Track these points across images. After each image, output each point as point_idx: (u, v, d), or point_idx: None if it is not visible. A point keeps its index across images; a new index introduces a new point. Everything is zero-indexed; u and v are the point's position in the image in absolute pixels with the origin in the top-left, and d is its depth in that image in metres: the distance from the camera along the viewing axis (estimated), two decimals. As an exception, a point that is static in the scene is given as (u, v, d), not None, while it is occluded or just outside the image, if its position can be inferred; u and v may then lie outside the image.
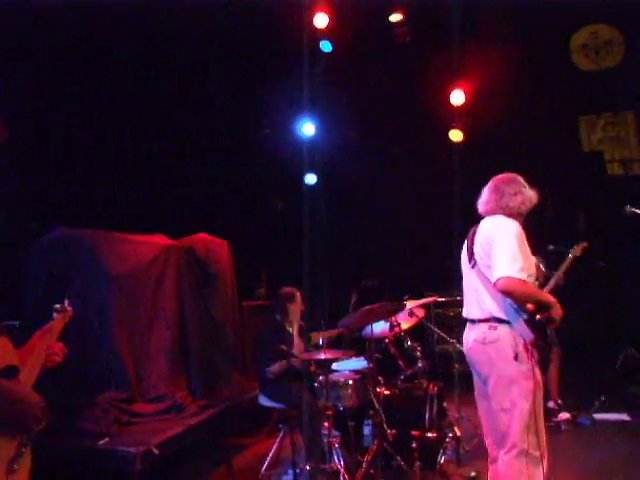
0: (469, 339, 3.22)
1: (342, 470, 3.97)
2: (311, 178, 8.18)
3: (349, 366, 4.88)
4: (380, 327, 4.94)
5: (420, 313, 5.16)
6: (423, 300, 5.26)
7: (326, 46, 6.90)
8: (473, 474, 4.19)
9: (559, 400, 5.62)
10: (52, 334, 2.57)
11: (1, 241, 4.42)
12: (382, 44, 6.99)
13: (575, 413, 5.52)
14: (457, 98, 7.22)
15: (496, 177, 3.36)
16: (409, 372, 4.76)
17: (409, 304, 5.05)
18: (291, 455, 3.90)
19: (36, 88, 5.17)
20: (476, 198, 3.41)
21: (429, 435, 4.34)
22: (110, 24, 5.30)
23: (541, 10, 6.48)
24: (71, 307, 2.74)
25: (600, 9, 6.95)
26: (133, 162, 6.16)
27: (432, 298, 5.41)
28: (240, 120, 7.38)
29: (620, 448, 4.72)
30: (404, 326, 4.95)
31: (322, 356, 4.25)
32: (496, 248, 3.03)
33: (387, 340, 4.91)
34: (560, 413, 5.47)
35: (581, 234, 7.20)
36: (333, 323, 4.97)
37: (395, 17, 6.97)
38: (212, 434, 4.77)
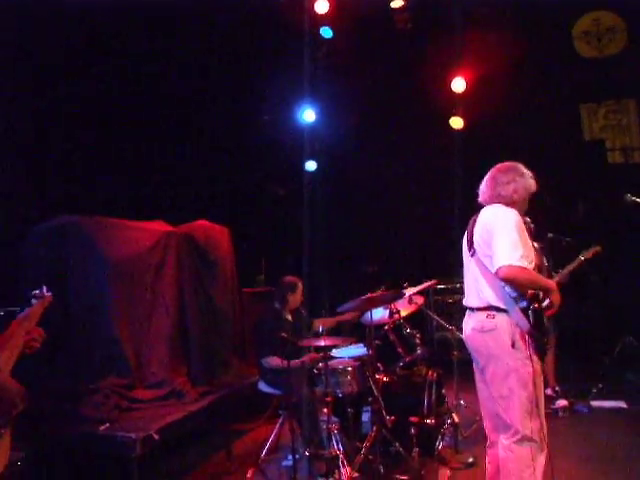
0: (468, 327, 3.25)
1: (341, 456, 3.99)
2: (311, 165, 8.17)
3: (348, 353, 4.89)
4: (379, 314, 4.94)
5: (419, 300, 5.17)
6: (422, 285, 5.25)
7: (327, 32, 6.85)
8: (471, 460, 4.23)
9: (557, 387, 5.65)
10: (31, 320, 2.58)
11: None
12: (383, 31, 6.95)
13: (572, 400, 5.55)
14: (458, 85, 7.19)
15: (496, 166, 3.36)
16: (408, 359, 4.77)
17: (408, 291, 5.05)
18: (290, 441, 3.91)
19: (35, 79, 5.16)
20: (476, 185, 3.41)
21: (427, 421, 4.36)
22: (109, 11, 5.26)
23: (543, -3, 6.44)
24: (50, 293, 2.75)
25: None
26: (132, 149, 6.14)
27: (431, 282, 5.40)
28: (240, 107, 7.34)
29: (617, 435, 4.76)
30: (403, 313, 4.96)
31: (322, 343, 4.28)
32: (496, 237, 3.04)
33: (386, 327, 4.90)
34: (558, 400, 5.51)
35: (581, 222, 7.20)
36: (332, 309, 4.98)
37: (396, 3, 6.93)
38: (212, 420, 4.79)
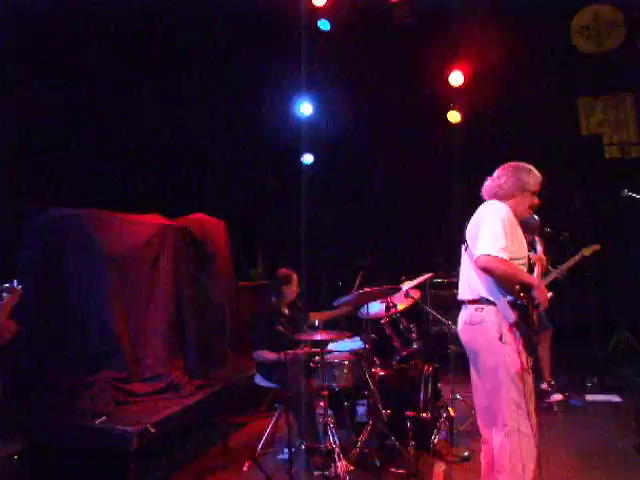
0: (460, 320, 3.28)
1: (337, 449, 4.01)
2: (308, 158, 8.16)
3: (345, 347, 4.90)
4: (376, 308, 4.95)
5: (416, 294, 5.17)
6: (419, 278, 5.25)
7: (324, 25, 6.82)
8: (466, 454, 4.26)
9: (552, 381, 5.68)
10: (2, 313, 2.60)
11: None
12: (381, 23, 6.90)
13: (567, 394, 5.59)
14: (456, 79, 7.16)
15: None
16: (404, 353, 4.79)
17: (405, 285, 5.06)
18: (287, 434, 3.92)
19: (35, 72, 5.12)
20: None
21: (423, 415, 4.38)
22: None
23: (542, -10, 6.41)
24: (20, 286, 2.75)
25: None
26: (128, 141, 6.10)
27: (427, 275, 5.40)
28: (237, 99, 7.31)
29: (611, 429, 4.79)
30: (400, 307, 4.96)
31: (318, 337, 4.28)
32: (481, 229, 3.08)
33: (383, 321, 4.92)
34: (552, 394, 5.54)
35: (577, 217, 7.21)
36: (330, 303, 4.98)
37: (395, -4, 6.87)
38: (208, 413, 4.80)
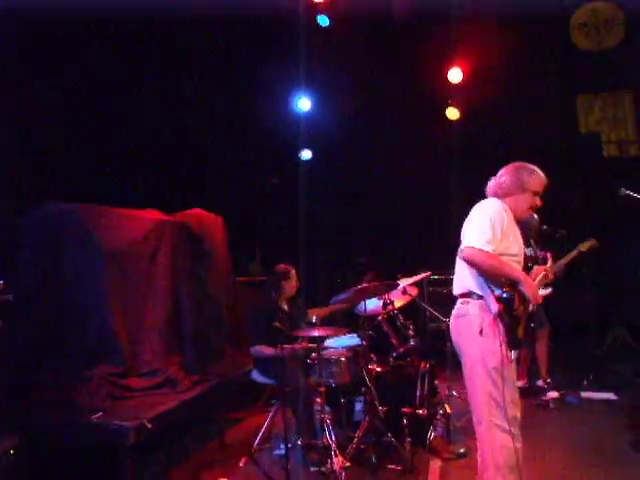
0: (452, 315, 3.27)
1: (333, 445, 4.02)
2: (306, 154, 8.15)
3: (342, 343, 4.91)
4: (373, 304, 4.95)
5: (413, 291, 5.17)
6: (416, 277, 5.25)
7: (323, 20, 6.81)
8: (462, 450, 4.27)
9: (548, 379, 5.70)
10: None
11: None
12: (380, 19, 6.89)
13: (563, 392, 5.61)
14: (455, 76, 7.16)
15: None
16: (401, 350, 4.78)
17: (402, 282, 5.06)
18: (283, 430, 3.93)
19: (35, 72, 5.11)
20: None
21: (420, 412, 4.39)
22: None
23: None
24: (1, 281, 2.75)
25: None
26: (125, 137, 6.09)
27: (425, 274, 5.40)
28: (236, 96, 7.28)
29: (606, 426, 4.81)
30: (397, 304, 4.97)
31: (315, 333, 4.29)
32: (470, 224, 3.09)
33: (380, 318, 4.92)
34: (549, 392, 5.56)
35: (575, 215, 7.21)
36: (327, 299, 4.98)
37: (394, -9, 6.87)
38: (205, 409, 4.81)
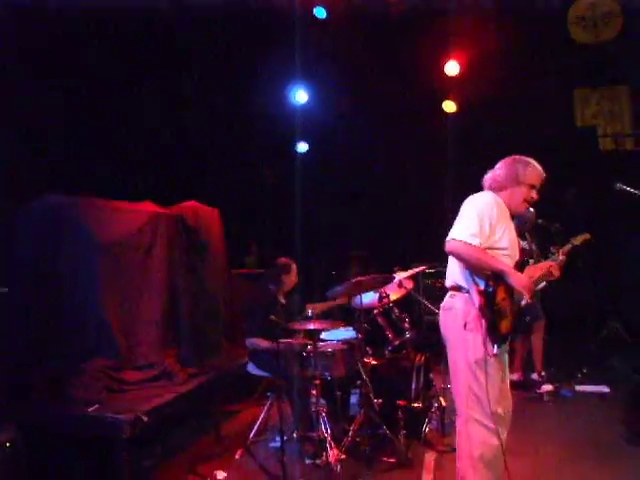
0: None
1: (329, 438, 4.05)
2: (303, 146, 8.14)
3: (338, 336, 4.92)
4: (369, 298, 4.96)
5: (409, 284, 5.17)
6: (412, 270, 5.26)
7: (320, 12, 6.78)
8: (456, 443, 4.28)
9: (543, 372, 5.74)
10: None
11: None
12: (377, 11, 6.85)
13: (558, 385, 5.64)
14: (451, 68, 7.14)
15: None
16: (397, 343, 4.80)
17: (398, 275, 5.06)
18: (279, 423, 3.95)
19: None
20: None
21: (415, 405, 4.42)
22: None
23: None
24: None
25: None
26: (120, 129, 6.05)
27: (421, 268, 5.41)
28: (231, 87, 7.25)
29: (600, 419, 4.85)
30: (393, 297, 4.98)
31: (311, 326, 4.30)
32: (459, 217, 3.07)
33: (376, 311, 4.93)
34: (543, 385, 5.59)
35: (571, 208, 7.22)
36: (324, 293, 4.98)
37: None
38: (201, 401, 4.81)
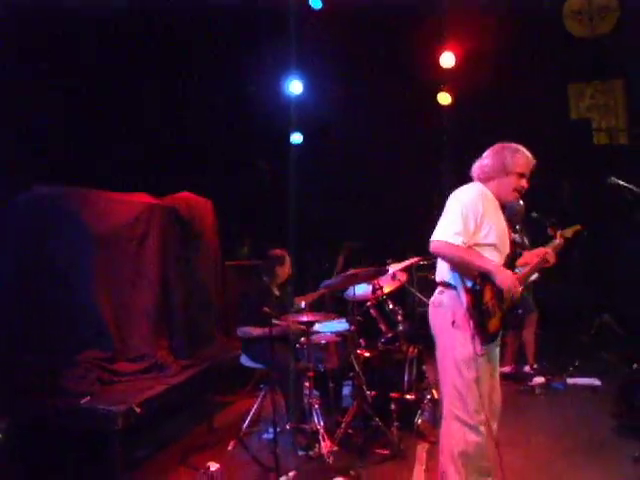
0: None
1: (321, 430, 4.06)
2: (297, 137, 8.10)
3: (331, 328, 4.92)
4: (363, 290, 4.96)
5: (402, 277, 5.18)
6: (406, 262, 5.26)
7: (316, 2, 6.74)
8: (449, 435, 4.31)
9: (535, 365, 5.77)
10: None
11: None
12: (373, 2, 6.81)
13: (549, 377, 5.67)
14: (447, 60, 7.11)
15: None
16: (390, 335, 4.82)
17: (392, 267, 5.06)
18: (271, 414, 3.95)
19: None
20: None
21: (407, 397, 4.43)
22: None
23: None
24: None
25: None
26: (116, 119, 6.00)
27: (415, 259, 5.41)
28: (225, 78, 7.20)
29: (590, 412, 4.87)
30: (386, 289, 4.98)
31: (304, 318, 4.30)
32: (444, 213, 3.03)
33: (369, 303, 4.93)
34: (534, 377, 5.62)
35: (565, 202, 7.24)
36: (316, 285, 4.98)
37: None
38: (194, 393, 4.82)
